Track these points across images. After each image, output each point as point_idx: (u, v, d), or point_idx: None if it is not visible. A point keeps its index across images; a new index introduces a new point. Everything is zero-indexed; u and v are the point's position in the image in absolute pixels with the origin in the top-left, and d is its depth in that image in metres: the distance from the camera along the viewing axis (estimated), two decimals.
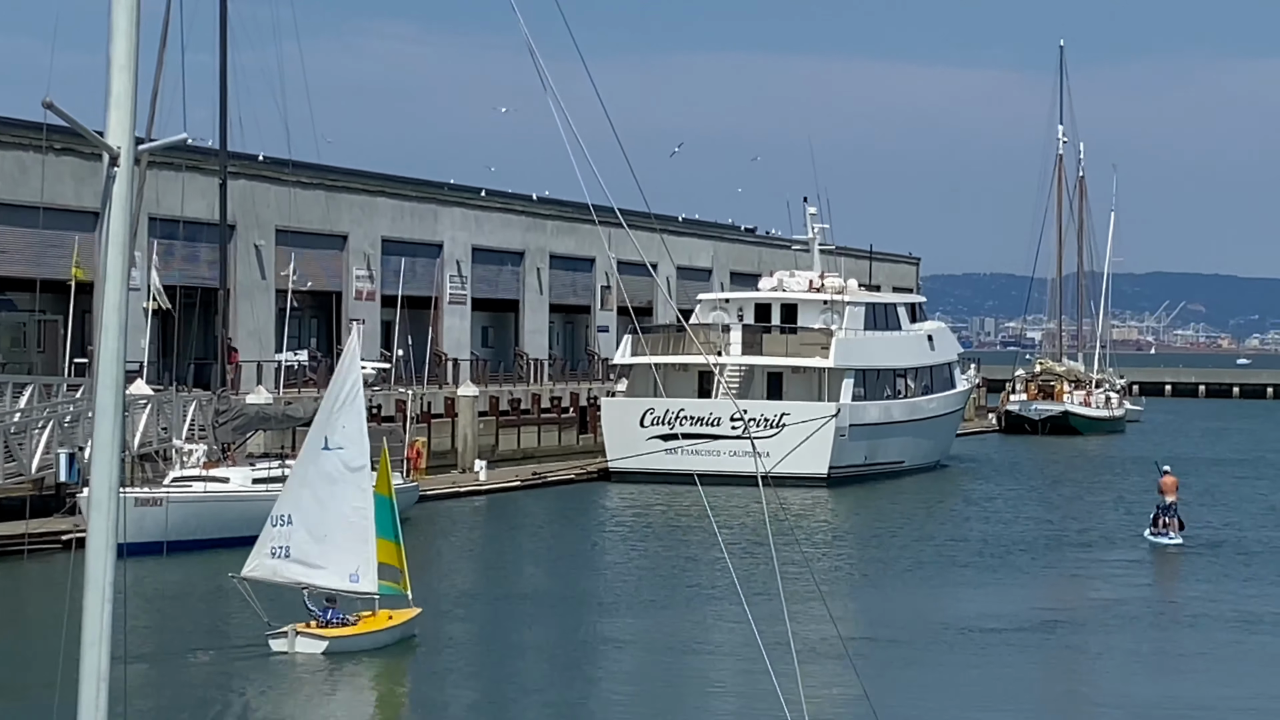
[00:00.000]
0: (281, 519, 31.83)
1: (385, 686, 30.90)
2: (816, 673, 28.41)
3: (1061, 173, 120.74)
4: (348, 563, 31.28)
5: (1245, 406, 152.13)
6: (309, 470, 32.06)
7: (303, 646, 30.61)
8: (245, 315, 65.84)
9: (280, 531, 31.69)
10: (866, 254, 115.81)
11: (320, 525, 31.48)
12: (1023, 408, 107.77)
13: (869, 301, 76.02)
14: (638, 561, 45.76)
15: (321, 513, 31.54)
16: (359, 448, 31.82)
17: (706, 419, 66.90)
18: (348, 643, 30.99)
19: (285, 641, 30.65)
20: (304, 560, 31.51)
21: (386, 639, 31.72)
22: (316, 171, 70.20)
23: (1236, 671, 31.83)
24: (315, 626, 30.98)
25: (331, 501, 31.55)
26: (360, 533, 31.27)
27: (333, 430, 31.76)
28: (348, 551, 31.27)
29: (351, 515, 31.43)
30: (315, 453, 31.98)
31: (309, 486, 31.88)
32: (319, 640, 30.70)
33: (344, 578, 31.28)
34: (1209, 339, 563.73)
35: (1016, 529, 54.33)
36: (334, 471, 31.60)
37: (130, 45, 9.08)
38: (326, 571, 31.41)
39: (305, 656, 30.51)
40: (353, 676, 30.35)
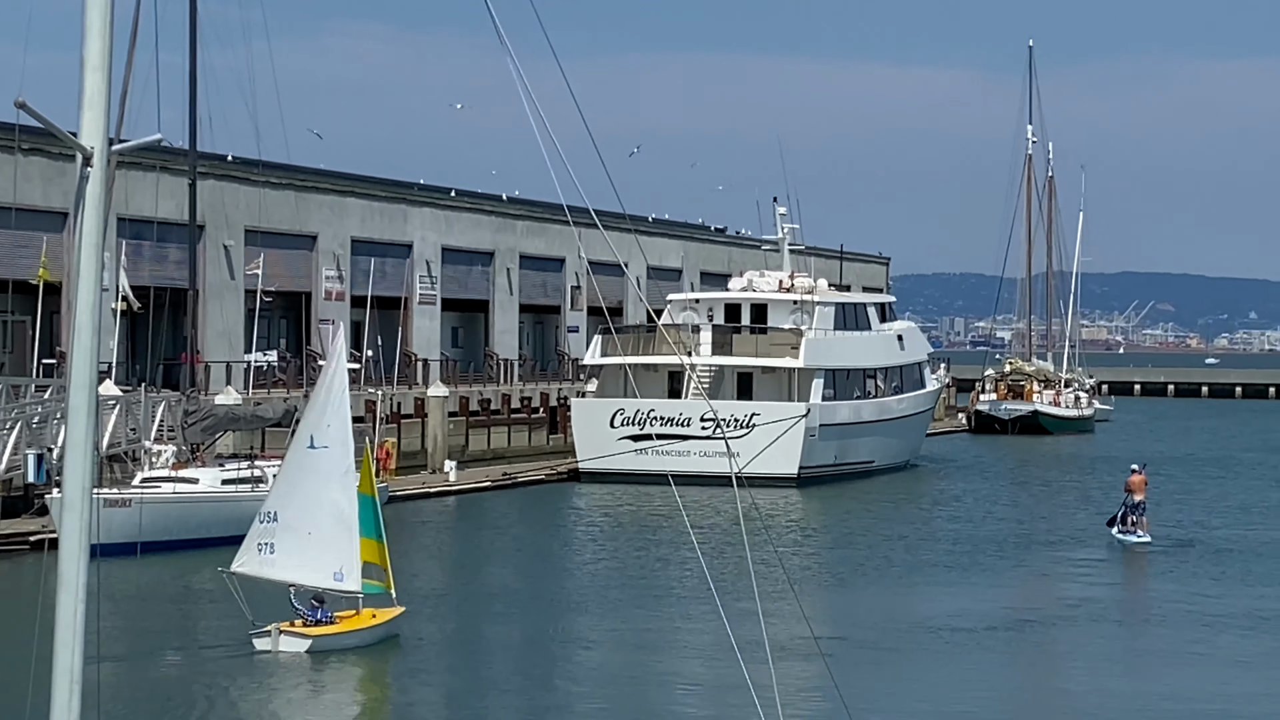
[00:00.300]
0: (268, 516, 32.14)
1: (366, 685, 30.91)
2: (790, 671, 28.40)
3: (1030, 173, 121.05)
4: (332, 561, 31.53)
5: (1214, 406, 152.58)
6: (295, 468, 32.35)
7: (286, 645, 30.74)
8: (214, 316, 65.71)
9: (267, 528, 32.01)
10: (836, 254, 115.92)
11: (305, 523, 31.72)
12: (992, 407, 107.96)
13: (839, 301, 76.08)
14: (609, 562, 45.77)
15: (307, 511, 31.78)
16: (344, 447, 32.06)
17: (677, 419, 66.91)
18: (331, 641, 31.15)
19: (269, 640, 30.81)
20: (289, 557, 31.72)
21: (370, 638, 31.85)
22: (286, 172, 70.06)
23: (1204, 670, 31.93)
24: (302, 625, 31.10)
25: (316, 500, 31.78)
26: (344, 531, 31.54)
27: (318, 429, 32.02)
28: (332, 550, 31.53)
29: (336, 514, 31.67)
30: (301, 451, 32.26)
31: (295, 484, 32.16)
32: (302, 639, 30.84)
33: (328, 576, 31.52)
34: (1178, 339, 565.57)
35: (986, 528, 54.44)
36: (319, 470, 31.83)
37: (104, 45, 9.07)
38: (311, 569, 31.63)
39: (289, 655, 30.61)
40: (335, 675, 30.41)
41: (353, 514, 31.58)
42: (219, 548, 45.04)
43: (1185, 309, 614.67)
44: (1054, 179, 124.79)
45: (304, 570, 31.66)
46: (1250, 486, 70.70)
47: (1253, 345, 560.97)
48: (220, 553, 44.48)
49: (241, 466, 48.16)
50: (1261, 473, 77.83)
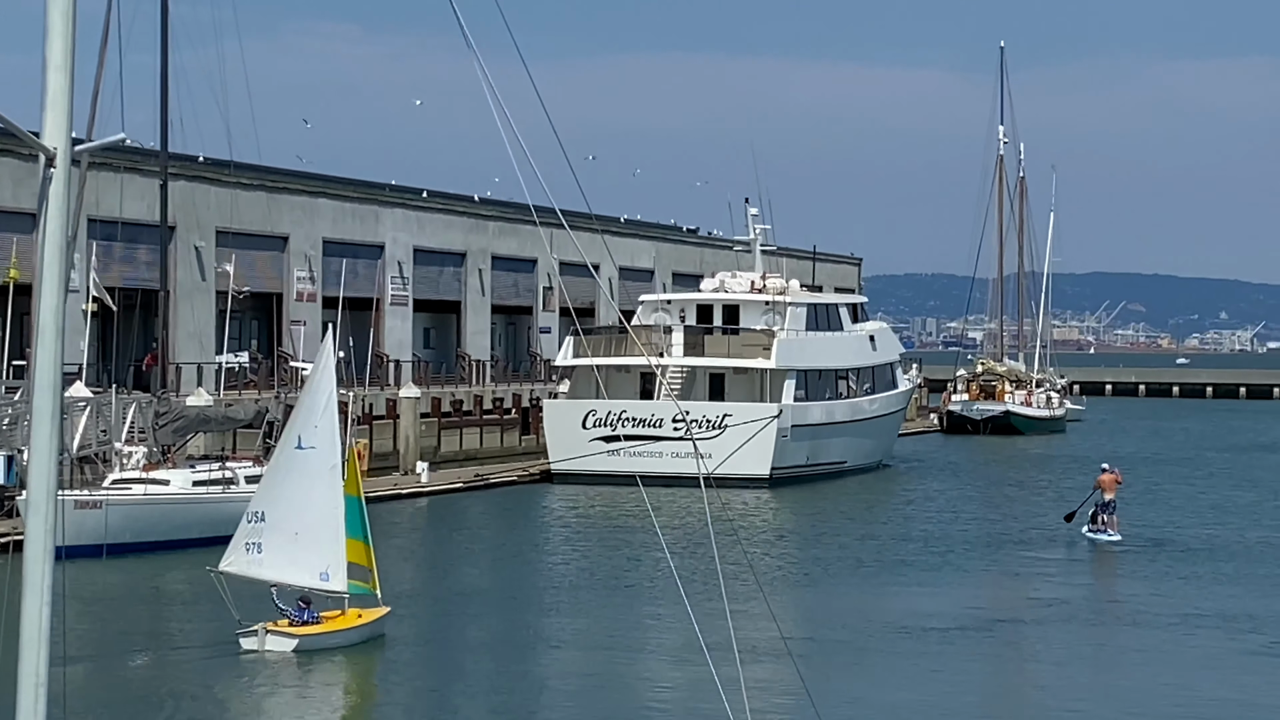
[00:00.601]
0: (256, 516, 32.43)
1: (351, 685, 31.09)
2: (759, 671, 28.45)
3: (1002, 173, 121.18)
4: (318, 561, 31.84)
5: (1185, 405, 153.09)
6: (283, 469, 32.61)
7: (273, 645, 31.00)
8: (185, 317, 65.49)
9: (254, 528, 32.31)
10: (809, 254, 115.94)
11: (292, 523, 31.99)
12: (964, 408, 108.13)
13: (811, 302, 76.12)
14: (581, 563, 45.75)
15: (294, 511, 32.04)
16: (331, 448, 32.29)
17: (648, 420, 66.89)
18: (318, 641, 31.37)
19: (255, 640, 31.05)
20: (276, 557, 31.98)
21: (356, 637, 32.11)
22: (257, 172, 69.92)
23: (1175, 669, 32.03)
24: (288, 625, 31.31)
25: (303, 500, 32.04)
26: (331, 532, 31.84)
27: (306, 430, 32.30)
28: (318, 550, 31.85)
29: (322, 514, 31.97)
30: (289, 452, 32.53)
31: (282, 485, 32.44)
32: (289, 638, 31.09)
33: (314, 576, 31.83)
34: (1149, 339, 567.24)
35: (957, 528, 54.53)
36: (306, 470, 32.10)
37: (66, 45, 9.02)
38: (298, 569, 31.90)
39: (275, 655, 30.86)
40: (321, 675, 30.57)
41: (339, 514, 31.88)
42: (192, 549, 45.19)
43: (1156, 309, 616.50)
44: (1025, 179, 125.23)
45: (291, 570, 31.89)
46: (1220, 486, 70.94)
47: (1223, 345, 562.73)
48: (192, 554, 44.59)
49: (213, 468, 48.08)
50: (1232, 472, 78.08)
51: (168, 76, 50.71)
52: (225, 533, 46.17)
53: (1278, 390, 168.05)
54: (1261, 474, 77.47)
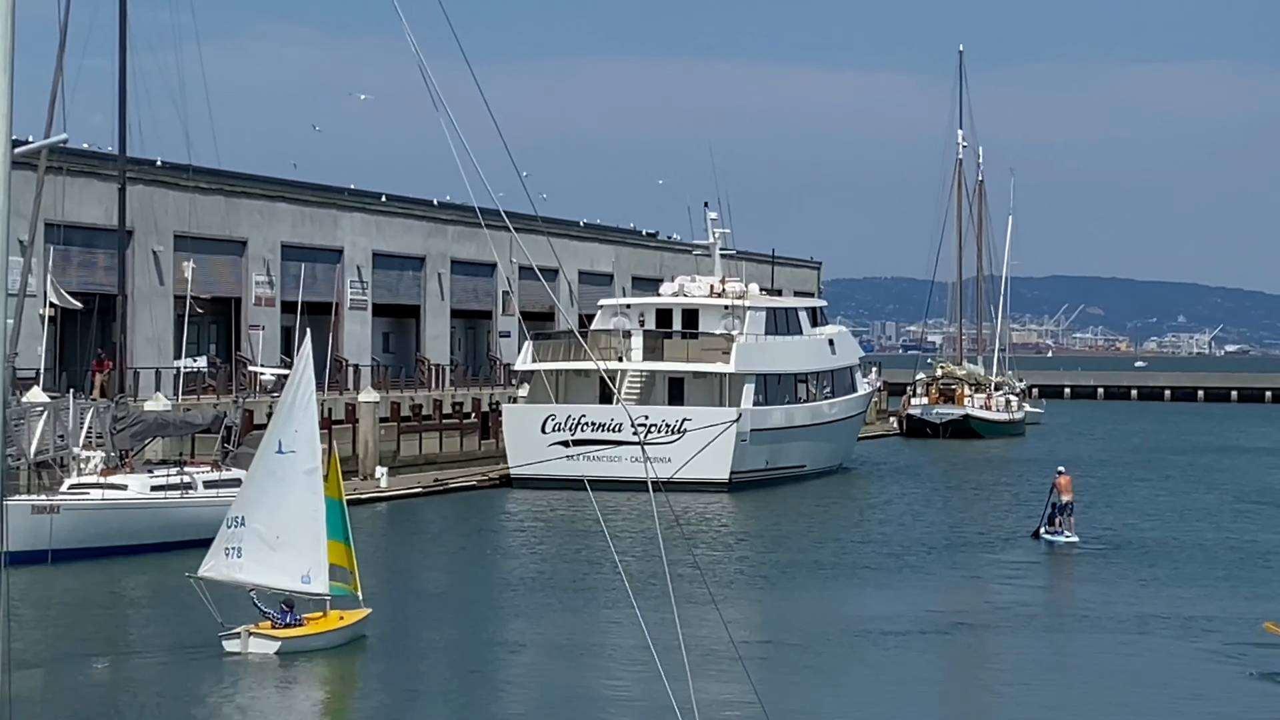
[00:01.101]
0: (236, 520, 32.62)
1: (333, 686, 31.33)
2: (710, 675, 28.47)
3: (961, 177, 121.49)
4: (300, 564, 32.07)
5: (1143, 408, 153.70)
6: (263, 473, 32.86)
7: (255, 647, 31.23)
8: (143, 321, 65.33)
9: (234, 533, 32.49)
10: (768, 258, 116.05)
11: (273, 527, 32.25)
12: (924, 411, 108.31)
13: (770, 306, 76.16)
14: (539, 567, 45.68)
15: (274, 515, 32.29)
16: (310, 451, 32.61)
17: (608, 425, 66.85)
18: (300, 643, 31.60)
19: (238, 642, 31.32)
20: (257, 561, 32.21)
21: (338, 639, 32.42)
22: (215, 176, 69.72)
23: (1130, 672, 32.09)
24: (270, 627, 31.55)
25: (284, 503, 32.30)
26: (312, 534, 32.12)
27: (285, 434, 32.63)
28: (300, 553, 32.08)
29: (303, 517, 32.29)
30: (269, 456, 32.78)
31: (263, 489, 32.71)
32: (271, 641, 31.32)
33: (296, 579, 32.05)
34: (1107, 342, 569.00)
35: (916, 531, 54.62)
36: (286, 474, 32.52)
37: (5, 48, 8.95)
38: (279, 572, 32.13)
39: (258, 657, 31.11)
40: (304, 676, 30.81)
41: (320, 517, 32.20)
42: (149, 554, 45.11)
43: (1114, 312, 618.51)
44: (984, 183, 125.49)
45: (272, 573, 32.13)
46: (1178, 488, 71.18)
47: (1181, 348, 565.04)
48: (152, 560, 44.57)
49: (171, 473, 47.95)
50: (1189, 475, 78.33)
51: (126, 80, 50.56)
52: (183, 537, 46.33)
53: (1235, 393, 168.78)
54: (1219, 476, 77.77)
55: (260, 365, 64.51)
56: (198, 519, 47.42)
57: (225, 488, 48.75)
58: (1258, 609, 39.02)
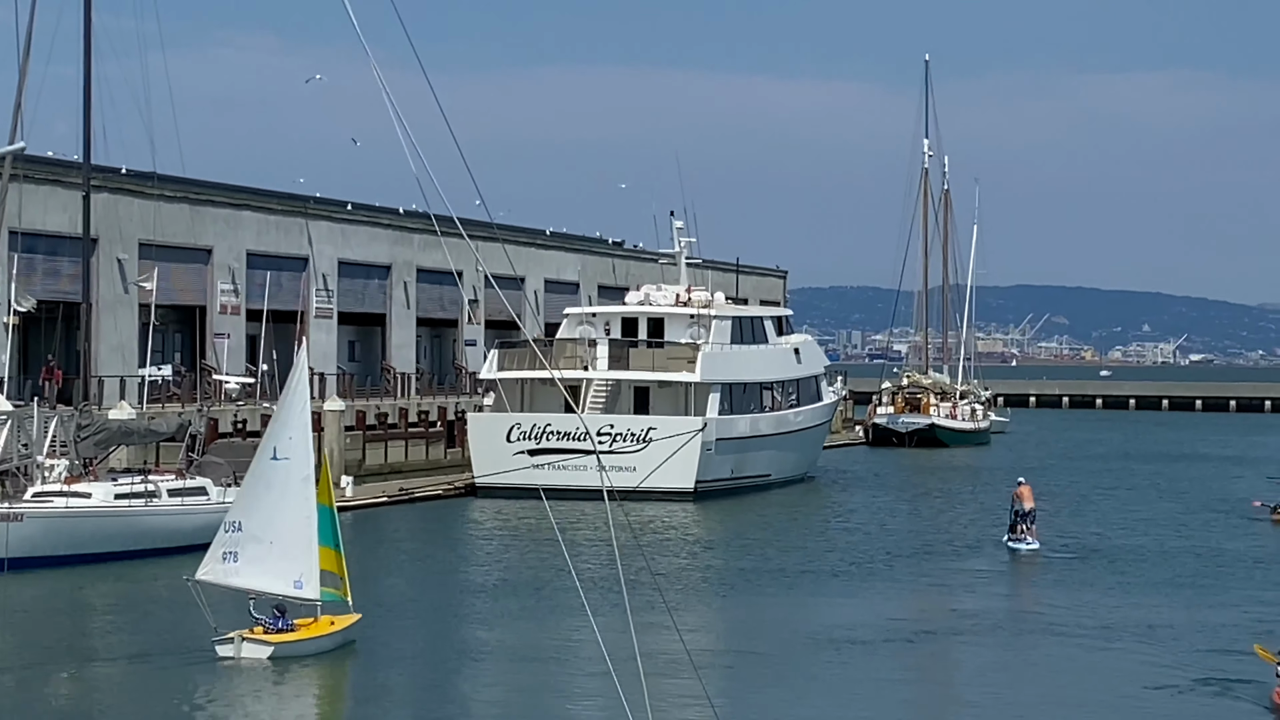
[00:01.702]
0: (233, 525, 33.20)
1: (326, 690, 31.75)
2: (666, 684, 28.52)
3: (926, 186, 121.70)
4: (292, 569, 32.68)
5: (1108, 417, 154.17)
6: (258, 479, 33.43)
7: (249, 652, 31.82)
8: (108, 330, 65.20)
9: (231, 537, 33.07)
10: (734, 267, 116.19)
11: (267, 532, 32.82)
12: (889, 420, 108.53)
13: (735, 315, 76.21)
14: (503, 575, 45.63)
15: (268, 520, 32.87)
16: (304, 458, 33.14)
17: (573, 434, 66.83)
18: (293, 648, 32.17)
19: (231, 647, 31.87)
20: (252, 566, 32.76)
21: (330, 644, 32.98)
22: (180, 184, 69.62)
23: (1091, 679, 32.20)
24: (263, 633, 32.14)
25: (278, 509, 32.91)
26: (304, 540, 32.72)
27: (280, 440, 33.26)
28: (292, 558, 32.69)
29: (296, 523, 32.82)
30: (265, 462, 33.36)
31: (258, 495, 33.28)
32: (265, 646, 31.91)
33: (288, 583, 32.65)
34: (1072, 351, 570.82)
35: (880, 540, 54.70)
36: (280, 481, 33.00)
37: None
38: (272, 577, 32.68)
39: (251, 661, 31.59)
40: (297, 680, 31.18)
41: (312, 524, 32.79)
42: (113, 562, 45.03)
43: (1079, 321, 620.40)
44: (950, 192, 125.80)
45: (266, 578, 32.67)
46: (1142, 497, 71.43)
47: (1146, 357, 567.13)
48: (116, 568, 44.51)
49: (135, 481, 47.86)
50: (1154, 483, 78.60)
51: (90, 87, 50.44)
52: (147, 545, 46.31)
53: (1200, 402, 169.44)
54: (1184, 485, 78.05)
55: (225, 374, 64.44)
56: (162, 527, 47.41)
57: (189, 496, 48.74)
58: (1219, 617, 39.28)
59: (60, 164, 64.14)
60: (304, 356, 34.57)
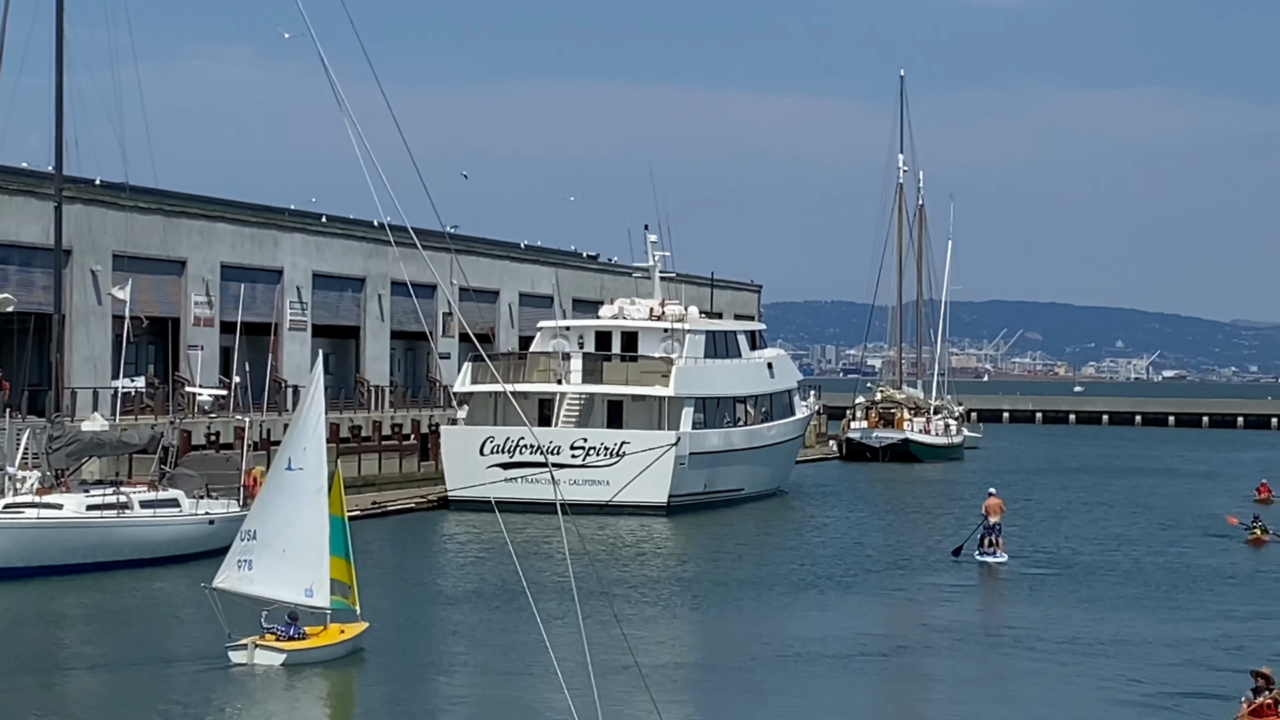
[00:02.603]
0: (248, 534, 34.11)
1: (336, 695, 32.37)
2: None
3: (901, 201, 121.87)
4: (303, 577, 33.49)
5: (1081, 433, 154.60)
6: (273, 489, 34.33)
7: (262, 658, 32.54)
8: (80, 341, 65.09)
9: (246, 545, 33.97)
10: (708, 281, 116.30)
11: (280, 541, 33.66)
12: (863, 435, 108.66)
13: (709, 329, 76.23)
14: (471, 586, 45.58)
15: (281, 529, 33.71)
16: (318, 469, 33.99)
17: (546, 448, 66.86)
18: (304, 655, 32.86)
19: (245, 653, 32.61)
20: (265, 574, 33.61)
21: (340, 651, 33.73)
22: (154, 196, 69.55)
23: (1065, 693, 32.29)
24: (275, 640, 32.84)
25: (292, 519, 33.73)
26: (316, 550, 33.51)
27: (296, 452, 34.11)
28: (304, 567, 33.49)
29: (308, 533, 33.60)
30: (280, 473, 34.28)
31: (272, 504, 34.11)
32: (277, 653, 32.65)
33: (300, 591, 33.45)
34: (1046, 366, 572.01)
35: (852, 554, 54.75)
36: (294, 491, 33.80)
37: None
38: (284, 585, 33.53)
39: (264, 668, 32.31)
40: (309, 687, 31.96)
41: (324, 534, 33.55)
42: (85, 574, 44.94)
43: (1053, 337, 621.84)
44: (924, 208, 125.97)
45: (279, 586, 33.51)
46: (1114, 512, 71.63)
47: (1119, 373, 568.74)
48: (90, 579, 44.43)
49: (107, 493, 47.76)
50: (1126, 498, 78.79)
51: (63, 98, 50.36)
52: (119, 557, 46.20)
53: (1173, 418, 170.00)
54: (1155, 500, 78.27)
55: (199, 386, 64.32)
56: (134, 539, 47.33)
57: (162, 508, 48.67)
58: (1189, 631, 39.44)
59: (34, 175, 64.06)
60: (319, 369, 35.36)
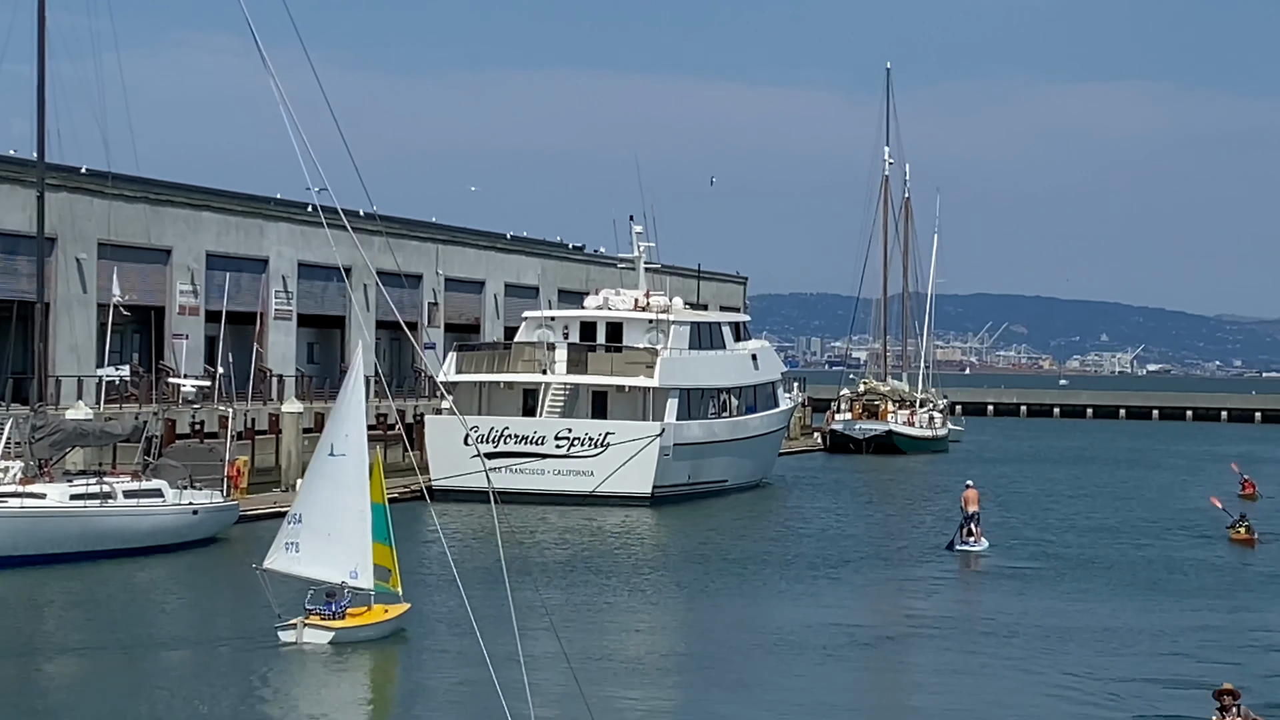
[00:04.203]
0: (295, 518, 35.61)
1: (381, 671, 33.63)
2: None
3: (887, 194, 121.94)
4: (348, 560, 34.87)
5: (1065, 426, 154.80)
6: (317, 474, 35.71)
7: (310, 637, 33.97)
8: (65, 330, 65.05)
9: (292, 529, 35.46)
10: (693, 273, 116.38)
11: (325, 524, 35.05)
12: (847, 427, 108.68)
13: (693, 320, 76.22)
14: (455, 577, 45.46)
15: (326, 513, 35.13)
16: (359, 456, 35.33)
17: (531, 437, 66.93)
18: (351, 634, 34.30)
19: (294, 632, 34.03)
20: (312, 555, 35.01)
21: (385, 630, 35.15)
22: (140, 185, 69.51)
23: (1046, 682, 32.36)
24: (321, 619, 34.20)
25: (335, 504, 35.12)
26: (359, 534, 34.83)
27: (338, 439, 35.44)
28: (348, 550, 34.87)
29: (351, 518, 34.92)
30: (323, 459, 35.60)
31: (317, 489, 35.57)
32: (326, 631, 34.05)
33: (345, 573, 34.79)
34: (1030, 360, 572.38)
35: (834, 545, 54.80)
36: (337, 477, 35.15)
37: None
38: (330, 566, 34.90)
39: (313, 646, 33.71)
40: (359, 662, 33.39)
41: (367, 519, 34.87)
42: (69, 564, 44.90)
43: (1038, 331, 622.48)
44: (910, 200, 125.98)
45: (324, 567, 34.89)
46: (1098, 504, 71.72)
47: (1104, 367, 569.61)
48: (69, 569, 44.36)
49: (90, 482, 47.67)
50: (1109, 490, 78.93)
51: (45, 86, 50.25)
52: (102, 547, 46.13)
53: (1156, 412, 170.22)
54: (1136, 492, 78.39)
55: (183, 377, 64.29)
56: (117, 529, 47.29)
57: (145, 498, 48.62)
58: (1169, 621, 39.54)
59: (18, 162, 64.02)
60: (359, 358, 36.15)
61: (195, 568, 46.81)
